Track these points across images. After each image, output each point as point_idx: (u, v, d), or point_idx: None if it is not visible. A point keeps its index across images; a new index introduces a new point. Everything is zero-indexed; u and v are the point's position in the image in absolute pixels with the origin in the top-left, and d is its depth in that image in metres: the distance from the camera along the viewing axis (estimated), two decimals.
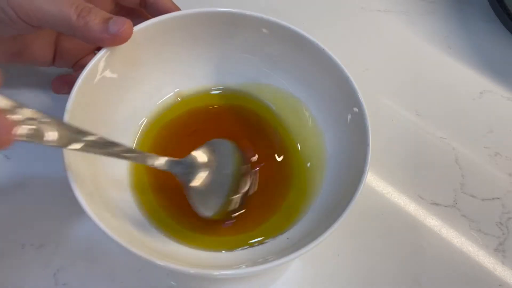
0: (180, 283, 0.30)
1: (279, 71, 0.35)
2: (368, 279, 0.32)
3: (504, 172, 0.38)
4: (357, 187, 0.26)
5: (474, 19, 0.48)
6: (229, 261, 0.28)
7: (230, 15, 0.32)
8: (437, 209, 0.35)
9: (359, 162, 0.28)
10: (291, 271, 0.32)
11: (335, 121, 0.32)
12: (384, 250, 0.33)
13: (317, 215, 0.29)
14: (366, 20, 0.47)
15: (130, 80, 0.32)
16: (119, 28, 0.27)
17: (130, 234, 0.27)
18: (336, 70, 0.31)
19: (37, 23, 0.26)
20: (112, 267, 0.30)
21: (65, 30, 0.27)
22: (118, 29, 0.27)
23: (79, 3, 0.27)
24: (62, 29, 0.27)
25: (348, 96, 0.30)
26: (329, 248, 0.33)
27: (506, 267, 0.33)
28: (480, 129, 0.40)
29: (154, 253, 0.24)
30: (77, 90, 0.27)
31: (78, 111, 0.27)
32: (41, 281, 0.30)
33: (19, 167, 0.34)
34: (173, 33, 0.32)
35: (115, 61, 0.30)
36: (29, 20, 0.26)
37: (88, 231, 0.31)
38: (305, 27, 0.32)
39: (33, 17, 0.26)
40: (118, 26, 0.27)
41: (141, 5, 0.34)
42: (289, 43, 0.33)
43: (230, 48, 0.34)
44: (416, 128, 0.40)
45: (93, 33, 0.27)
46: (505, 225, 0.35)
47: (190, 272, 0.23)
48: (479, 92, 0.43)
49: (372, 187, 0.36)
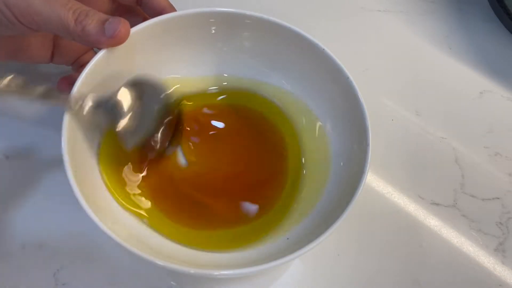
0: (180, 283, 0.30)
1: (278, 71, 0.35)
2: (368, 279, 0.32)
3: (504, 172, 0.38)
4: (357, 187, 0.26)
5: (474, 19, 0.48)
6: (229, 261, 0.28)
7: (230, 15, 0.32)
8: (437, 209, 0.35)
9: (359, 162, 0.28)
10: (291, 271, 0.32)
11: (334, 121, 0.33)
12: (384, 249, 0.33)
13: (317, 215, 0.29)
14: (366, 20, 0.47)
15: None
16: (115, 30, 0.27)
17: (130, 234, 0.27)
18: (336, 70, 0.31)
19: (35, 27, 0.26)
20: (112, 267, 0.30)
21: (63, 35, 0.27)
22: (114, 31, 0.27)
23: (76, 7, 0.27)
24: (60, 33, 0.27)
25: (348, 96, 0.30)
26: (329, 248, 0.33)
27: (506, 267, 0.33)
28: (480, 129, 0.40)
29: (154, 253, 0.24)
30: (78, 90, 0.27)
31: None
32: (41, 281, 0.30)
33: (19, 167, 0.34)
34: (172, 34, 0.32)
35: (114, 62, 0.30)
36: (28, 23, 0.26)
37: (88, 231, 0.31)
38: (305, 27, 0.32)
39: (31, 21, 0.26)
40: (114, 27, 0.27)
41: (138, 3, 0.34)
42: (289, 43, 0.33)
43: (230, 48, 0.34)
44: (416, 128, 0.40)
45: (90, 37, 0.27)
46: (505, 225, 0.35)
47: (190, 272, 0.23)
48: (479, 92, 0.43)
49: (372, 187, 0.36)
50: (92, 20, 0.27)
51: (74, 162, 0.25)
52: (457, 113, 0.41)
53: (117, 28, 0.27)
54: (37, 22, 0.26)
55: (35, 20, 0.26)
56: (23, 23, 0.26)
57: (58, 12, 0.26)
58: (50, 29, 0.27)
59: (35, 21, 0.26)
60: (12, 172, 0.33)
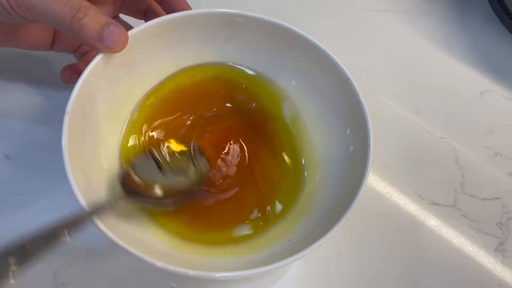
0: (180, 284, 0.30)
1: (278, 71, 0.35)
2: (368, 279, 0.32)
3: (504, 172, 0.38)
4: (359, 187, 0.26)
5: (474, 19, 0.48)
6: (230, 263, 0.28)
7: (230, 16, 0.32)
8: (437, 209, 0.35)
9: (360, 163, 0.28)
10: (292, 272, 0.32)
11: (335, 121, 0.32)
12: (384, 249, 0.33)
13: (318, 216, 0.29)
14: (366, 20, 0.47)
15: (129, 80, 0.32)
16: (114, 42, 0.27)
17: (130, 235, 0.27)
18: (337, 71, 0.31)
19: (31, 18, 0.26)
20: (112, 267, 0.30)
21: (60, 29, 0.26)
22: (113, 43, 0.27)
23: (74, 2, 0.26)
24: (57, 27, 0.27)
25: (348, 97, 0.30)
26: (329, 248, 0.33)
27: (506, 267, 0.33)
28: (480, 129, 0.40)
29: (154, 255, 0.24)
30: (78, 91, 0.27)
31: (78, 114, 0.27)
32: (40, 281, 0.30)
33: (19, 167, 0.33)
34: (172, 34, 0.32)
35: (115, 62, 0.29)
36: (24, 15, 0.26)
37: (88, 231, 0.31)
38: (305, 27, 0.32)
39: (27, 13, 0.25)
40: (114, 39, 0.27)
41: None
42: (289, 44, 0.33)
43: (230, 49, 0.34)
44: (416, 128, 0.40)
45: (86, 40, 0.26)
46: (505, 225, 0.35)
47: (190, 275, 0.23)
48: (479, 92, 0.43)
49: (372, 187, 0.36)
50: (91, 21, 0.26)
51: (76, 162, 0.25)
52: (457, 113, 0.41)
53: (117, 41, 0.27)
54: (32, 15, 0.25)
55: (30, 13, 0.25)
56: (19, 14, 0.25)
57: (53, 7, 0.25)
58: (46, 22, 0.26)
59: (30, 13, 0.25)
60: (12, 172, 0.33)
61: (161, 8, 0.35)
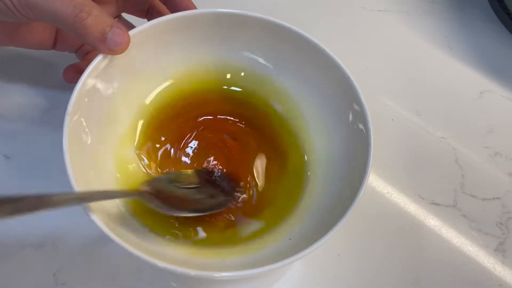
0: (180, 284, 0.30)
1: (279, 72, 0.35)
2: (368, 279, 0.32)
3: (504, 172, 0.38)
4: (359, 187, 0.26)
5: (474, 19, 0.48)
6: (230, 263, 0.28)
7: (230, 16, 0.32)
8: (437, 209, 0.35)
9: (361, 163, 0.28)
10: (292, 272, 0.32)
11: (336, 122, 0.32)
12: (384, 249, 0.33)
13: (320, 216, 0.29)
14: (366, 20, 0.47)
15: (130, 80, 0.32)
16: (117, 45, 0.27)
17: (130, 235, 0.27)
18: (337, 71, 0.31)
19: (34, 17, 0.26)
20: (112, 267, 0.30)
21: (63, 28, 0.26)
22: (116, 45, 0.27)
23: (77, 2, 0.25)
24: (60, 27, 0.26)
25: (349, 97, 0.30)
26: (329, 248, 0.33)
27: (506, 267, 0.33)
28: (480, 129, 0.40)
29: (155, 255, 0.24)
30: (78, 92, 0.27)
31: (79, 115, 0.27)
32: (40, 281, 0.30)
33: (19, 167, 0.33)
34: (172, 35, 0.32)
35: (115, 63, 0.29)
36: (27, 14, 0.25)
37: (88, 231, 0.31)
38: (305, 27, 0.32)
39: (30, 13, 0.25)
40: (117, 41, 0.27)
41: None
42: (289, 43, 0.33)
43: (230, 49, 0.34)
44: (416, 128, 0.40)
45: (90, 40, 0.26)
46: (505, 225, 0.35)
47: (191, 274, 0.23)
48: (479, 92, 0.43)
49: (372, 187, 0.36)
50: (95, 22, 0.26)
51: (76, 163, 0.25)
52: (457, 113, 0.41)
53: (119, 43, 0.27)
54: (35, 14, 0.25)
55: (33, 12, 0.25)
56: (22, 13, 0.25)
57: (56, 5, 0.25)
58: (49, 21, 0.26)
59: (33, 12, 0.25)
60: (12, 172, 0.33)
61: (165, 7, 0.35)
